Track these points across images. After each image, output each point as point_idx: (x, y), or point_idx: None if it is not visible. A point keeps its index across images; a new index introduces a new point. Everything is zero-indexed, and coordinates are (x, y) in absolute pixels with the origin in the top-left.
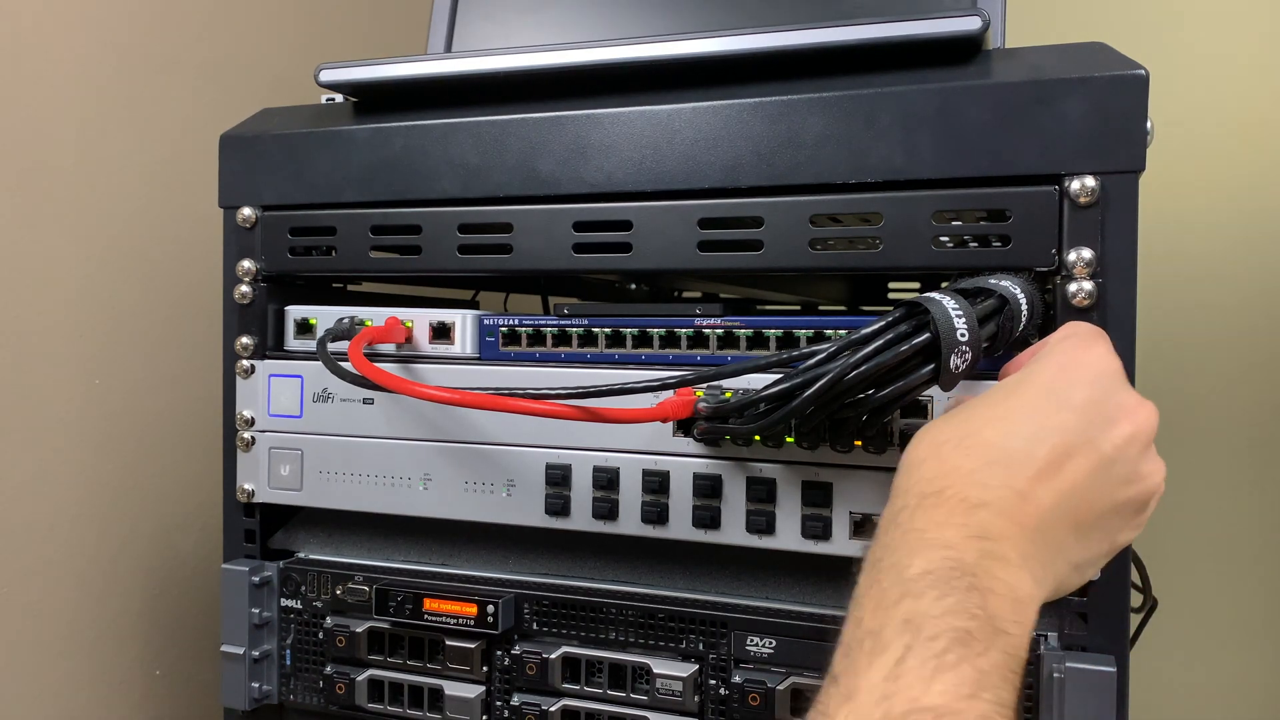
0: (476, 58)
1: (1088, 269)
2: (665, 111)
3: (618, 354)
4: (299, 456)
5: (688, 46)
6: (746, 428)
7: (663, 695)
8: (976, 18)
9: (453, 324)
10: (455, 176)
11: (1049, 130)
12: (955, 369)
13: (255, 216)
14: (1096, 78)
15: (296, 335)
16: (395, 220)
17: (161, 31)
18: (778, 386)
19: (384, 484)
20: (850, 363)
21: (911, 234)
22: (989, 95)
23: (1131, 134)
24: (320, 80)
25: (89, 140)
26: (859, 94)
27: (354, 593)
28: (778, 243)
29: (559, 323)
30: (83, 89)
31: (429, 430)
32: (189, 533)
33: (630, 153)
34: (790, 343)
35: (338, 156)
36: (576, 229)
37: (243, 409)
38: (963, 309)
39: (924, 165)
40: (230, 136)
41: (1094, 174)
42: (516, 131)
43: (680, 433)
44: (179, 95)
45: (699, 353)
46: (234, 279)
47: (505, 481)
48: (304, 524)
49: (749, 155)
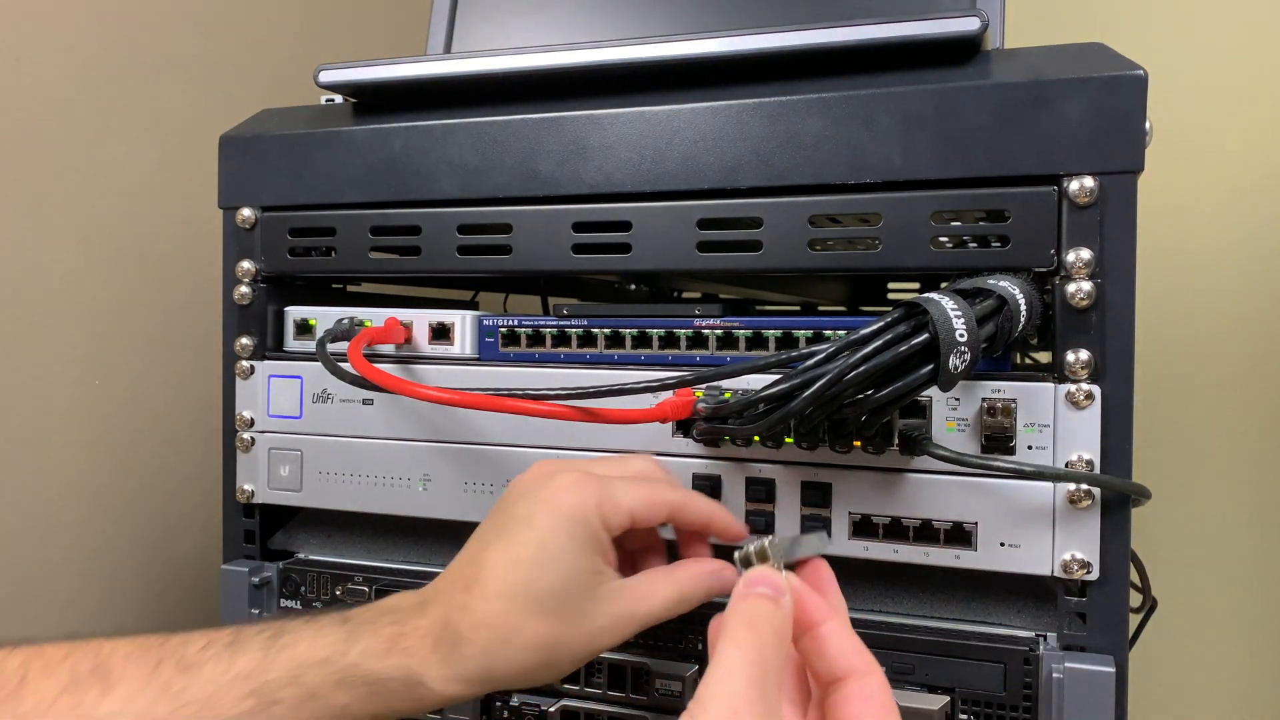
0: (476, 58)
1: (1086, 269)
2: (664, 112)
3: (617, 354)
4: (299, 457)
5: (687, 47)
6: (746, 428)
7: (662, 695)
8: (975, 18)
9: (452, 324)
10: (455, 177)
11: (1048, 130)
12: (954, 369)
13: (255, 217)
14: (1095, 78)
15: (296, 336)
16: (395, 221)
17: (161, 31)
18: (777, 387)
19: (383, 484)
20: (849, 363)
21: (910, 234)
22: (988, 96)
23: (1130, 134)
24: (320, 81)
25: (88, 141)
26: (858, 94)
27: (354, 593)
28: (777, 243)
29: (558, 323)
30: (82, 89)
31: (428, 431)
32: (189, 533)
33: (629, 153)
34: (789, 343)
35: (337, 157)
36: (576, 230)
37: (242, 409)
38: (961, 309)
39: (923, 166)
40: (230, 137)
41: (1093, 174)
42: (516, 132)
43: (679, 433)
44: (179, 95)
45: (698, 353)
46: (233, 280)
47: (505, 482)
48: (304, 525)
49: (748, 156)
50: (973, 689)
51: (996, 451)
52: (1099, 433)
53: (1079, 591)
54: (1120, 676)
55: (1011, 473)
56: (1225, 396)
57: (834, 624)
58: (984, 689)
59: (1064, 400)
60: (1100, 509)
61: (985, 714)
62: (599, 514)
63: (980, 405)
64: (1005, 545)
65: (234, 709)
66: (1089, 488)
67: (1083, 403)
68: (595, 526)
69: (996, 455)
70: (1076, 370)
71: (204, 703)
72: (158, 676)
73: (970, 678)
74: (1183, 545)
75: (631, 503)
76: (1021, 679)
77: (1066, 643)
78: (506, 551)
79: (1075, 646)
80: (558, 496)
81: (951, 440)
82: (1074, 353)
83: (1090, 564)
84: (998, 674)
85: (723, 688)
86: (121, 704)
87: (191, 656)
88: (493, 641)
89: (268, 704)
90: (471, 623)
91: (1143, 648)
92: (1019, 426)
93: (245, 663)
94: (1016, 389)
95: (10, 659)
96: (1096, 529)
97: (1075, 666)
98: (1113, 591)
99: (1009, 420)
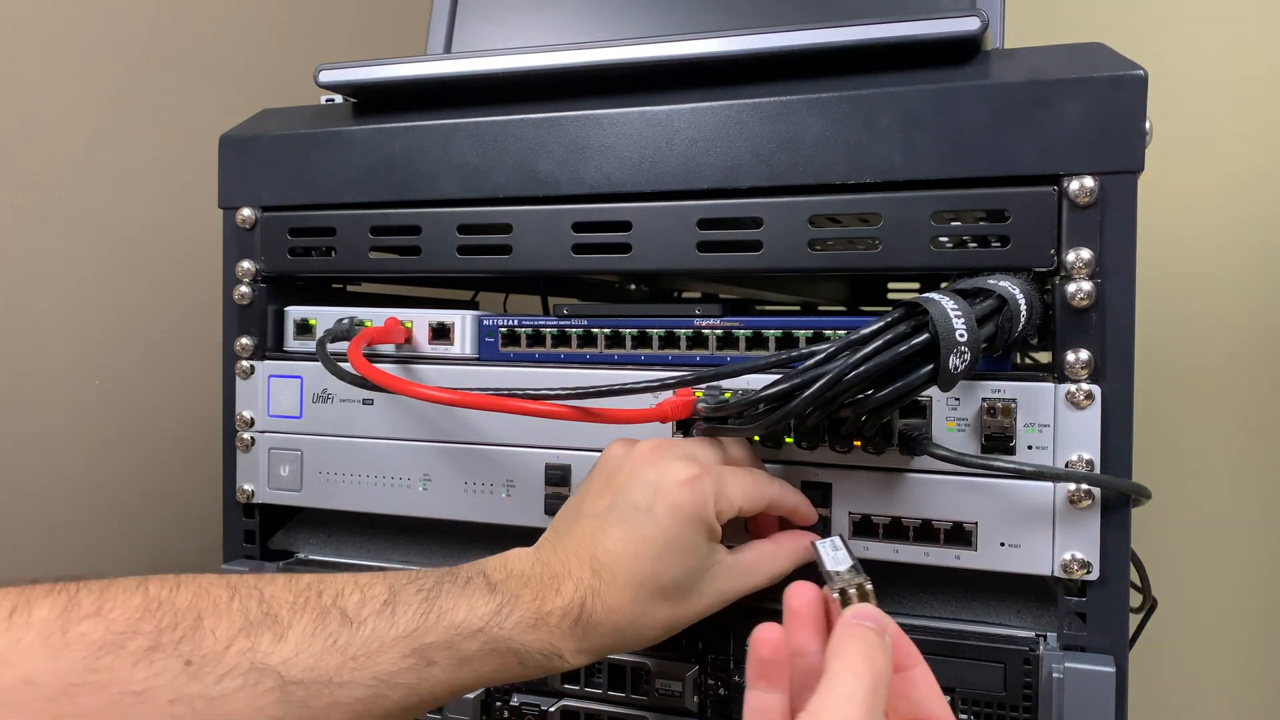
0: (476, 58)
1: (1086, 269)
2: (664, 112)
3: (617, 354)
4: (299, 457)
5: (687, 47)
6: (745, 428)
7: (663, 695)
8: (975, 18)
9: (452, 324)
10: (455, 177)
11: (1048, 130)
12: (954, 369)
13: (255, 217)
14: (1095, 78)
15: (296, 336)
16: (395, 221)
17: (162, 32)
18: (777, 387)
19: (384, 484)
20: (849, 363)
21: (910, 234)
22: (988, 95)
23: (1130, 134)
24: (320, 81)
25: (88, 141)
26: (858, 94)
27: None
28: (777, 243)
29: (558, 323)
30: (82, 89)
31: (428, 431)
32: (189, 533)
33: (629, 153)
34: (789, 343)
35: (337, 157)
36: (576, 229)
37: (242, 409)
38: (961, 309)
39: (923, 165)
40: (230, 137)
41: (1093, 174)
42: (516, 132)
43: (680, 433)
44: (179, 96)
45: (698, 353)
46: (233, 279)
47: (505, 482)
48: (304, 524)
49: (748, 156)
50: (973, 689)
51: (996, 451)
52: (1099, 433)
53: (1079, 591)
54: (1120, 676)
55: (1011, 473)
56: (1225, 397)
57: (923, 670)
58: (984, 689)
59: (1064, 400)
60: (1100, 509)
61: (985, 714)
62: (715, 509)
63: (980, 405)
64: (1005, 545)
65: (396, 665)
66: (1089, 488)
67: (1083, 403)
68: (711, 519)
69: (996, 455)
70: (1076, 370)
71: (369, 656)
72: (324, 627)
73: (970, 678)
74: (1183, 545)
75: (741, 498)
76: (1021, 679)
77: (1066, 643)
78: (629, 543)
79: (1075, 646)
80: (678, 493)
81: (951, 440)
82: (1074, 353)
83: (1090, 564)
84: (998, 674)
85: (844, 711)
86: (294, 651)
87: (352, 611)
88: (622, 623)
89: (426, 664)
90: (605, 608)
91: (1143, 648)
92: (1019, 426)
93: (405, 623)
94: (1016, 389)
95: (179, 594)
96: (1096, 529)
97: (1075, 666)
98: (1113, 591)
99: (1009, 420)
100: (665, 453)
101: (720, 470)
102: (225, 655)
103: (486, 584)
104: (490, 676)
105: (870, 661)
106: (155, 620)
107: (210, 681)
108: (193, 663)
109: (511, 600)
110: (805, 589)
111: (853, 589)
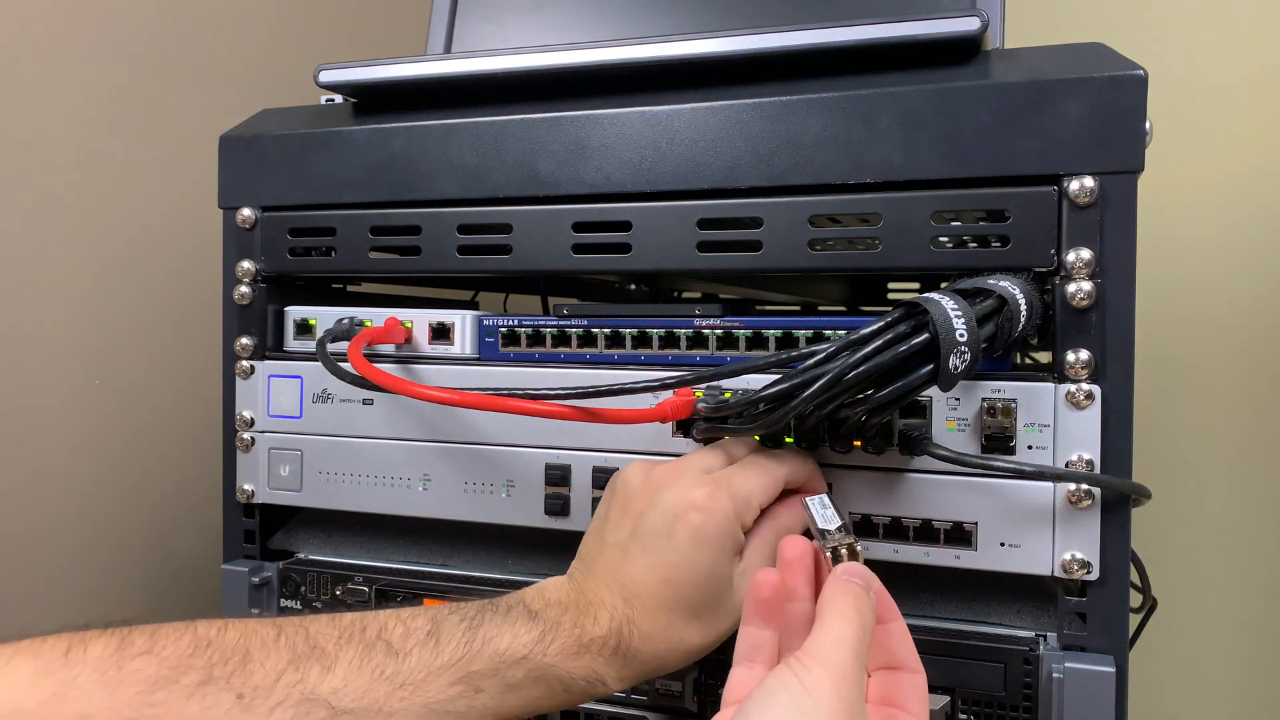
0: (476, 58)
1: (1086, 269)
2: (664, 112)
3: (617, 354)
4: (299, 457)
5: (687, 47)
6: (746, 428)
7: (663, 695)
8: (975, 18)
9: (452, 324)
10: (455, 177)
11: (1048, 130)
12: (954, 369)
13: (255, 217)
14: (1095, 78)
15: (296, 336)
16: (395, 221)
17: (162, 32)
18: (777, 387)
19: (383, 484)
20: (849, 363)
21: (910, 234)
22: (988, 95)
23: (1130, 134)
24: (320, 81)
25: (89, 141)
26: (858, 94)
27: (354, 593)
28: (777, 243)
29: (558, 323)
30: (82, 90)
31: (428, 431)
32: (189, 533)
33: (629, 153)
34: (789, 343)
35: (337, 157)
36: (576, 229)
37: (242, 409)
38: (961, 309)
39: (923, 165)
40: (230, 137)
41: (1093, 174)
42: (516, 132)
43: (680, 433)
44: (179, 96)
45: (698, 353)
46: (233, 279)
47: (504, 482)
48: (304, 524)
49: (748, 156)
50: (973, 689)
51: (996, 451)
52: (1099, 433)
53: (1079, 591)
54: (1120, 676)
55: (1011, 473)
56: (1225, 397)
57: (900, 624)
58: (984, 689)
59: (1064, 400)
60: (1100, 509)
61: (985, 714)
62: (739, 521)
63: (980, 405)
64: (1005, 545)
65: (444, 694)
66: (1089, 488)
67: (1083, 403)
68: (735, 534)
69: (996, 455)
70: (1076, 370)
71: (416, 685)
72: (370, 658)
73: (970, 677)
74: (1183, 545)
75: (759, 495)
76: (1021, 679)
77: (1066, 643)
78: (656, 570)
79: (1075, 646)
80: (696, 518)
81: (952, 440)
82: (1074, 353)
83: (1090, 564)
84: (998, 674)
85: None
86: (342, 681)
87: (397, 643)
88: (659, 648)
89: (474, 691)
90: (641, 636)
91: (1143, 648)
92: (1019, 426)
93: (450, 653)
94: (1016, 389)
95: (227, 633)
96: (1096, 529)
97: (1075, 666)
98: (1113, 591)
99: (1009, 420)
100: (681, 475)
101: (732, 478)
102: (275, 688)
103: (527, 612)
104: (537, 703)
105: (859, 612)
106: (206, 656)
107: (262, 713)
108: (244, 695)
109: (553, 628)
110: (799, 541)
111: (844, 548)
